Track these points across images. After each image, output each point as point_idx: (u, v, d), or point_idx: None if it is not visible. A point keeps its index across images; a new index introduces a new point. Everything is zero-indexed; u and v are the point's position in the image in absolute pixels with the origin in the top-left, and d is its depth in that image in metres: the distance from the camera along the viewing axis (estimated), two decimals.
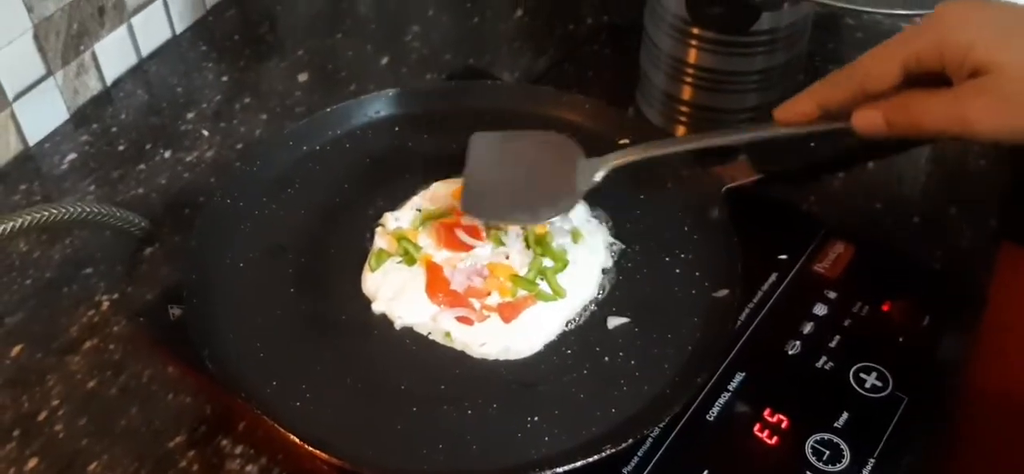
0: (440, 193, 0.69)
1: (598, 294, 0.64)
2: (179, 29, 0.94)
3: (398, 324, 0.62)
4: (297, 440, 0.54)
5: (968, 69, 0.52)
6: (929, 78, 0.55)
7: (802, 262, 0.68)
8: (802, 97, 0.59)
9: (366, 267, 0.65)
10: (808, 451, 0.58)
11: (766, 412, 0.59)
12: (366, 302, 0.63)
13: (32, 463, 0.61)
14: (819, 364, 0.62)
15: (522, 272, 0.64)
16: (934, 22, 0.54)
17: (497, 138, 0.70)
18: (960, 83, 0.53)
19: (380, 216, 0.68)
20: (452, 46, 0.93)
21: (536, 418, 0.57)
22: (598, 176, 0.65)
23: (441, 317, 0.62)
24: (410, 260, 0.64)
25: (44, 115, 0.83)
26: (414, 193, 0.70)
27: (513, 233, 0.66)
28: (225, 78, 0.90)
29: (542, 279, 0.64)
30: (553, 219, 0.65)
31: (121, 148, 0.83)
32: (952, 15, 0.54)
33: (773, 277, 0.67)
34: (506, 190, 0.67)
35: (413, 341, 0.62)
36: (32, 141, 0.82)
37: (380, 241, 0.66)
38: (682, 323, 0.62)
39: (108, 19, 0.85)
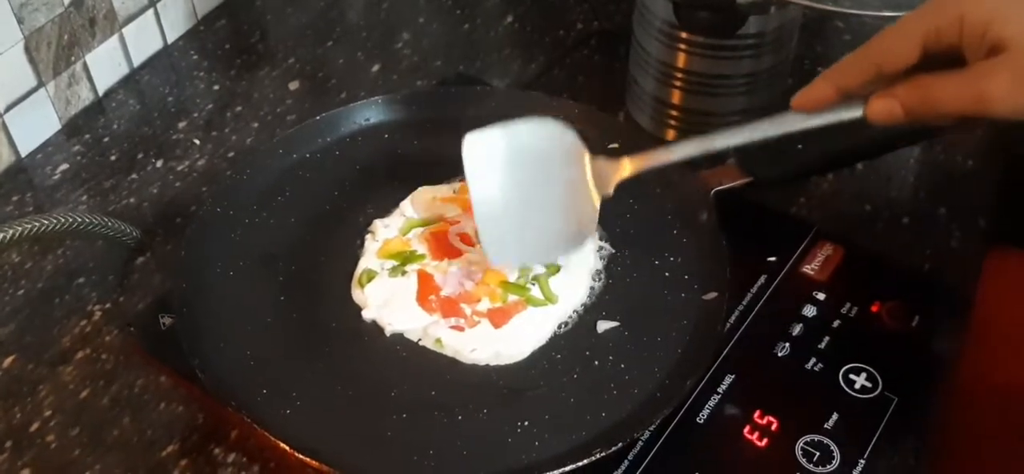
0: (425, 199, 0.69)
1: (588, 299, 0.64)
2: (170, 39, 0.94)
3: (388, 331, 0.62)
4: (288, 448, 0.54)
5: (987, 46, 0.51)
6: (945, 58, 0.53)
7: (791, 264, 0.68)
8: (819, 82, 0.56)
9: (355, 282, 0.65)
10: (798, 452, 0.58)
11: (756, 414, 0.60)
12: (356, 309, 0.64)
13: None
14: (809, 365, 0.62)
15: (512, 277, 0.64)
16: None
17: (495, 144, 0.61)
18: (977, 61, 0.51)
19: (370, 223, 0.68)
20: (443, 53, 0.94)
21: (526, 423, 0.57)
22: (611, 188, 0.60)
23: (432, 324, 0.62)
24: (400, 272, 0.64)
25: (36, 126, 0.83)
26: (403, 199, 0.70)
27: None
28: (216, 87, 0.90)
29: (534, 283, 0.64)
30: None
31: (113, 158, 0.83)
32: None
33: (762, 279, 0.67)
34: (525, 221, 0.60)
35: (404, 347, 0.62)
36: (24, 152, 0.82)
37: (368, 259, 0.66)
38: (671, 326, 0.62)
39: (99, 30, 0.86)
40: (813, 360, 0.62)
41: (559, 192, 0.60)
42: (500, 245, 0.60)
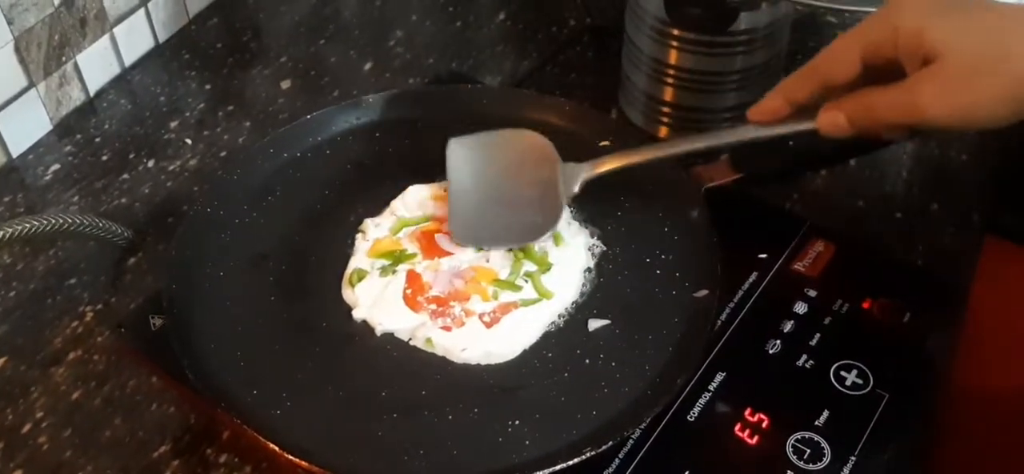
0: (416, 198, 0.69)
1: (579, 297, 0.64)
2: (162, 38, 0.94)
3: (379, 330, 0.62)
4: (277, 449, 0.54)
5: (920, 57, 0.52)
6: (888, 71, 0.54)
7: (782, 261, 0.68)
8: (772, 95, 0.59)
9: (345, 281, 0.65)
10: (789, 450, 0.58)
11: (747, 412, 0.60)
12: (347, 309, 0.63)
13: None
14: (800, 363, 0.62)
15: (503, 275, 0.64)
16: (889, 10, 0.54)
17: (475, 146, 0.70)
18: (913, 72, 0.53)
19: (361, 222, 0.68)
20: (435, 51, 0.93)
21: (517, 422, 0.57)
22: (576, 186, 0.65)
23: (422, 324, 0.62)
24: (391, 271, 0.64)
25: (27, 126, 0.83)
26: (394, 198, 0.70)
27: None
28: (208, 86, 0.90)
29: (526, 281, 0.64)
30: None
31: (104, 158, 0.83)
32: (905, 2, 0.54)
33: (753, 276, 0.67)
34: (493, 211, 0.67)
35: (394, 347, 0.62)
36: (15, 153, 0.82)
37: (359, 258, 0.66)
38: (663, 324, 0.62)
39: (90, 30, 0.85)
40: (804, 357, 0.62)
41: (529, 190, 0.67)
42: (466, 228, 0.66)
